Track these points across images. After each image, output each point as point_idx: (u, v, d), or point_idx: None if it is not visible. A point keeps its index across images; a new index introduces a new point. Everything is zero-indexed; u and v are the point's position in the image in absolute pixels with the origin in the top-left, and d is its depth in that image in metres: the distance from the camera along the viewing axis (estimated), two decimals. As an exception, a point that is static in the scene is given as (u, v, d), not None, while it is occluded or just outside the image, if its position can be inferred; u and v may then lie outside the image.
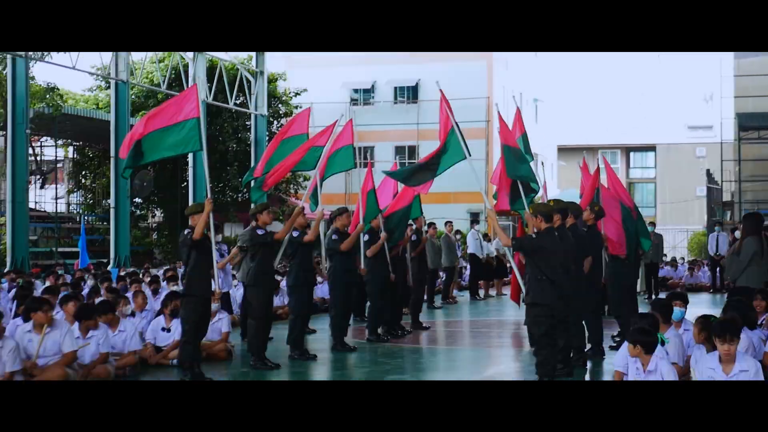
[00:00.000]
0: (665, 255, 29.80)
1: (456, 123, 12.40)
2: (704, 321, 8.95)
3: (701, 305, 20.08)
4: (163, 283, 16.74)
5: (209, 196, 11.37)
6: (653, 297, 22.26)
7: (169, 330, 12.71)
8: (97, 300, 13.30)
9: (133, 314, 13.12)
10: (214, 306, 12.89)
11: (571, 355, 11.57)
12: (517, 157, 12.79)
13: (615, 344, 13.36)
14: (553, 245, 10.36)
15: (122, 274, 19.14)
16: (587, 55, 63.69)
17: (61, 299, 12.03)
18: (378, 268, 14.88)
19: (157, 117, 11.45)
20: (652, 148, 65.98)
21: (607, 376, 11.46)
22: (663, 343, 8.70)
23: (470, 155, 12.50)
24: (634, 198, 63.86)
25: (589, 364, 12.26)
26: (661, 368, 8.32)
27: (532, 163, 13.85)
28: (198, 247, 11.17)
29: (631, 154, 68.51)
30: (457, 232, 25.65)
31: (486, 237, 25.99)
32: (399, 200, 15.74)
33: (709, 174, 42.49)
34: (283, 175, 14.50)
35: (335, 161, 14.25)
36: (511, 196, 12.81)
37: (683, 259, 35.69)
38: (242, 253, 13.22)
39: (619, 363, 8.96)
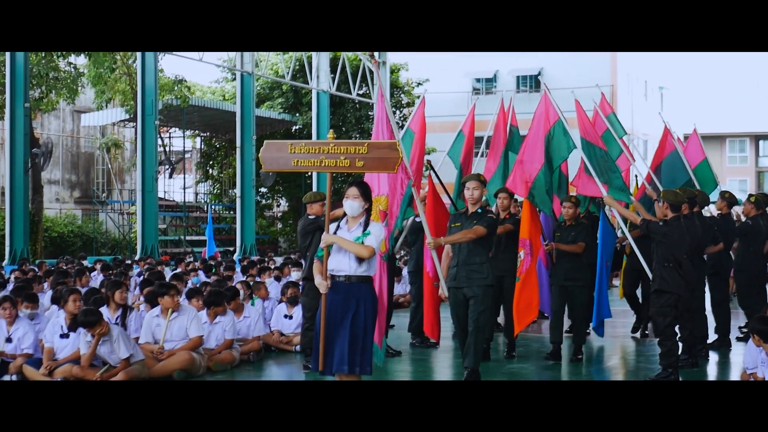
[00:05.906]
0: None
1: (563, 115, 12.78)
2: None
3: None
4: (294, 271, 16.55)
5: None
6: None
7: (291, 317, 12.91)
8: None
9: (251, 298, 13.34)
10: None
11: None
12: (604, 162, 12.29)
13: (742, 335, 13.08)
14: (680, 235, 10.10)
15: (245, 263, 19.37)
16: (715, 41, 62.21)
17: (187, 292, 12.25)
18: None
19: None
20: (783, 136, 64.17)
21: (733, 368, 11.22)
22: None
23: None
24: (763, 187, 62.16)
25: (715, 356, 12.03)
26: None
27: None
28: (320, 233, 11.09)
29: (761, 142, 66.66)
30: None
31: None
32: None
33: (843, 162, 41.19)
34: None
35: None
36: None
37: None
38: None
39: (749, 363, 8.67)
